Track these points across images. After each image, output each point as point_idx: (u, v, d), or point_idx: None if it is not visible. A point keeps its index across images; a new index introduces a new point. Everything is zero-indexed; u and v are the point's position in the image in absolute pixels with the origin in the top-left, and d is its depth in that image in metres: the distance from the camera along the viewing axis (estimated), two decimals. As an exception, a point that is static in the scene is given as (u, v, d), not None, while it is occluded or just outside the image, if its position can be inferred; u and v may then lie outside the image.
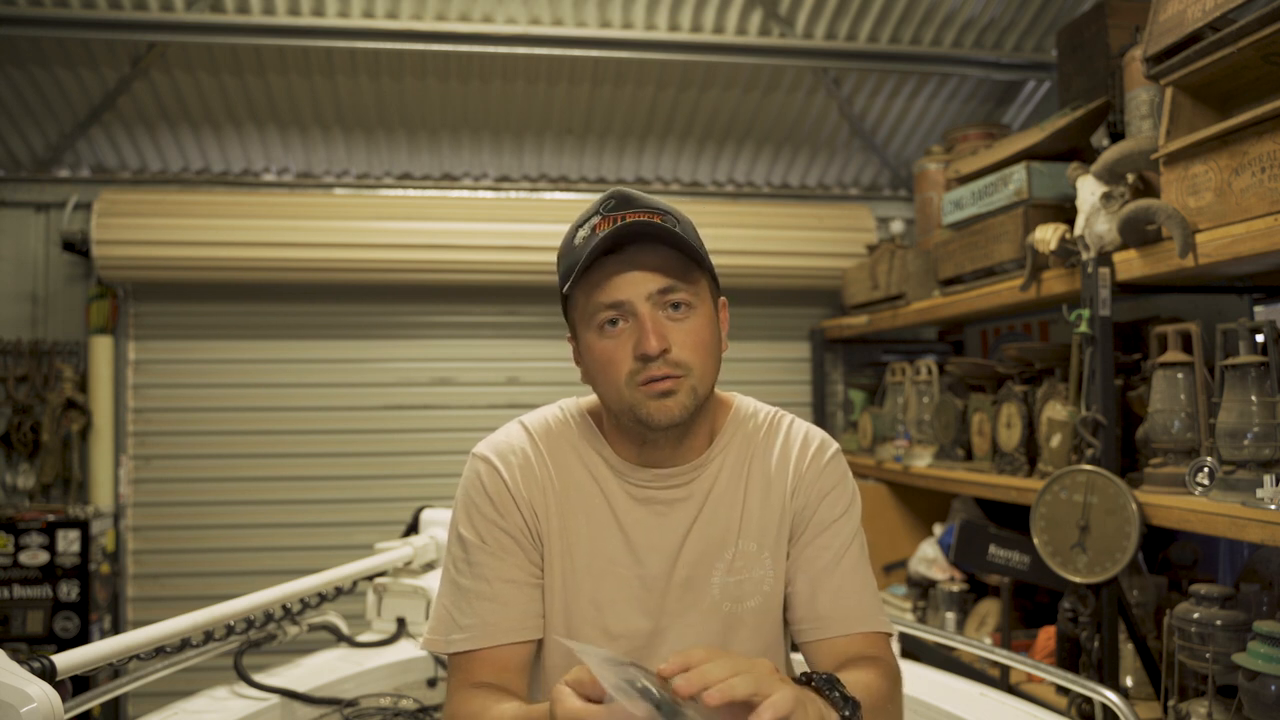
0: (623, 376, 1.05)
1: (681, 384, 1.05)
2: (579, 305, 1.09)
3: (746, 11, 3.22)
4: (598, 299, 1.05)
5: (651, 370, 1.03)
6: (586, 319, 1.07)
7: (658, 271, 1.04)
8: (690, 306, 1.06)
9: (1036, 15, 3.28)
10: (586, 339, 1.08)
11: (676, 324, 1.05)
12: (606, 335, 1.06)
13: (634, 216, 1.05)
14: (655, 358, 1.03)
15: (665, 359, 1.04)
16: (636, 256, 1.04)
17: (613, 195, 1.08)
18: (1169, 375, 1.91)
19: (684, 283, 1.06)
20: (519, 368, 3.75)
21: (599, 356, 1.07)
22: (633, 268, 1.04)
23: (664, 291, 1.05)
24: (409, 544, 2.06)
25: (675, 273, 1.05)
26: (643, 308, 1.04)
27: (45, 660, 1.17)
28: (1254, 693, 1.53)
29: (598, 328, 1.06)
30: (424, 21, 3.13)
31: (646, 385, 1.04)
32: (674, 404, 1.05)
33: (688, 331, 1.06)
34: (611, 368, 1.06)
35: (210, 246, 3.34)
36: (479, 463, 1.15)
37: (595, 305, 1.05)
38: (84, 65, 3.18)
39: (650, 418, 1.05)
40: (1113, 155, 1.98)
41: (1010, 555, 2.40)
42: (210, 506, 3.53)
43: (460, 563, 1.12)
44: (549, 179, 3.84)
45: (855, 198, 4.00)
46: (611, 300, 1.04)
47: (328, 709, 1.64)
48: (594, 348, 1.07)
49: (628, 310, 1.05)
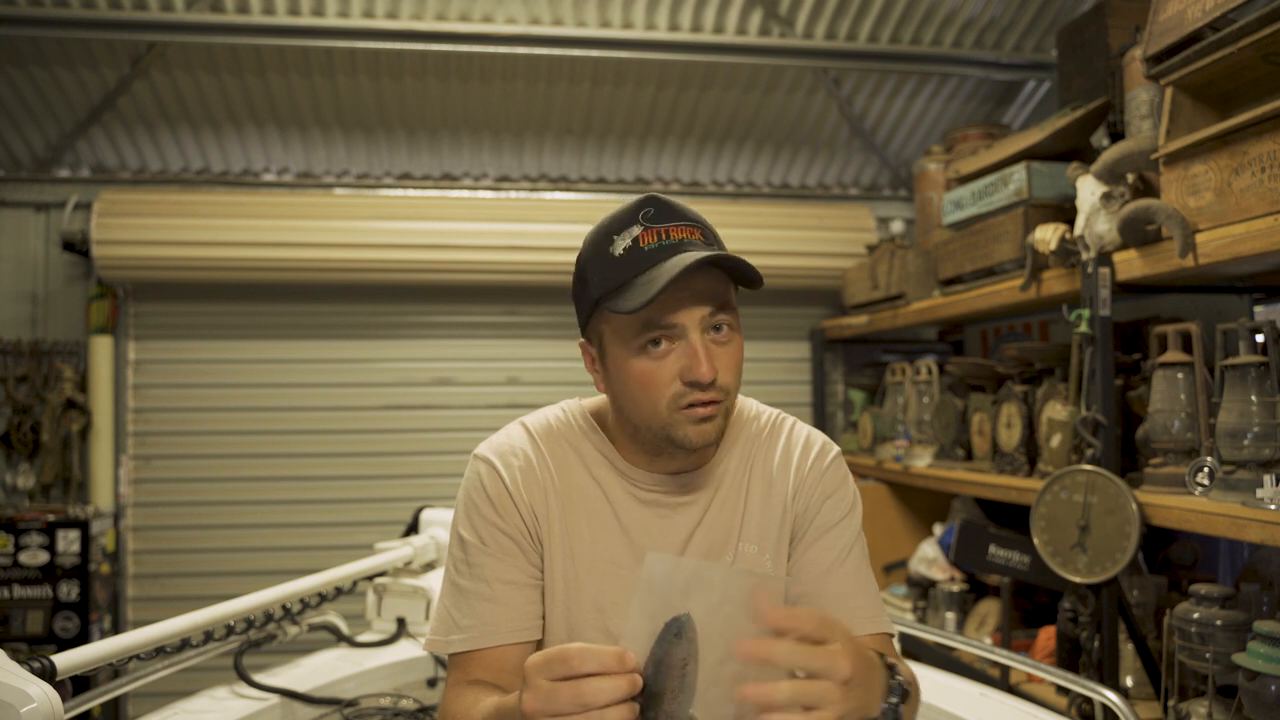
0: (665, 399, 1.04)
1: (720, 409, 1.05)
2: (617, 322, 1.05)
3: (746, 11, 3.22)
4: (649, 320, 1.02)
5: (698, 395, 1.03)
6: (627, 337, 1.04)
7: (710, 297, 1.03)
8: (732, 329, 1.06)
9: (1036, 15, 3.28)
10: (623, 357, 1.05)
11: (721, 348, 1.05)
12: (650, 356, 1.03)
13: (678, 231, 1.03)
14: (707, 385, 1.02)
15: (714, 385, 1.03)
16: (692, 280, 1.02)
17: (649, 202, 1.05)
18: (1169, 375, 1.91)
19: (728, 305, 1.05)
20: (519, 368, 3.75)
21: (638, 376, 1.04)
22: (689, 292, 1.02)
23: (714, 315, 1.04)
24: (409, 544, 2.06)
25: (722, 296, 1.04)
26: (694, 334, 1.03)
27: (45, 660, 1.17)
28: (1254, 693, 1.53)
29: (639, 347, 1.04)
30: (424, 21, 3.13)
31: (689, 409, 1.03)
32: (712, 428, 1.05)
33: (730, 355, 1.06)
34: (653, 389, 1.04)
35: (210, 246, 3.34)
36: (480, 464, 1.15)
37: (645, 326, 1.03)
38: (84, 65, 3.18)
39: (688, 440, 1.04)
40: (1113, 155, 1.98)
41: (1010, 555, 2.40)
42: (210, 506, 3.53)
43: (460, 564, 1.12)
44: (549, 179, 3.84)
45: (855, 198, 4.00)
46: (667, 323, 1.02)
47: (328, 709, 1.64)
48: (631, 366, 1.05)
49: (677, 334, 1.03)
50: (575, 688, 0.78)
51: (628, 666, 0.79)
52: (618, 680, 0.78)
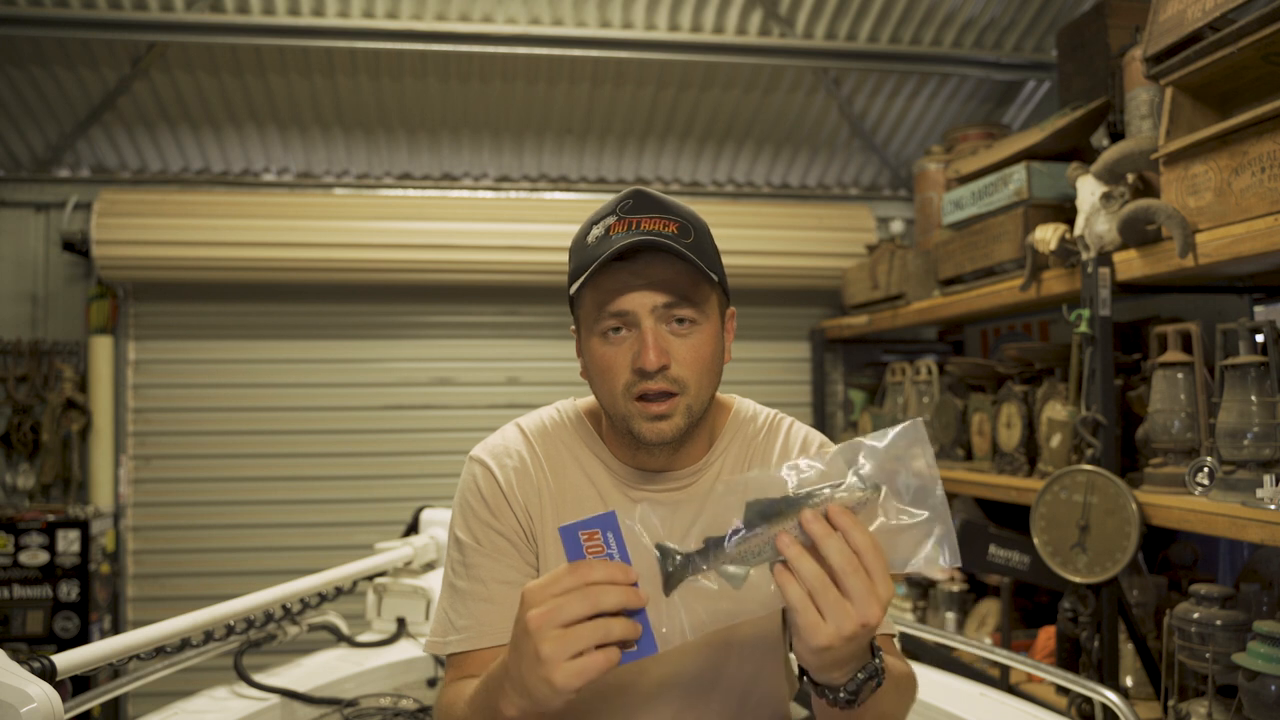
0: (619, 385, 1.05)
1: (676, 404, 1.05)
2: (584, 306, 1.08)
3: (746, 11, 3.22)
4: (603, 305, 1.04)
5: (647, 385, 1.03)
6: (590, 322, 1.07)
7: (665, 287, 1.03)
8: (694, 323, 1.06)
9: (1036, 15, 3.28)
10: (589, 341, 1.08)
11: (679, 339, 1.05)
12: (609, 341, 1.06)
13: (650, 223, 1.03)
14: (653, 374, 1.03)
15: (663, 374, 1.03)
16: (647, 268, 1.03)
17: (631, 195, 1.07)
18: (1169, 375, 1.91)
19: (691, 298, 1.05)
20: (519, 368, 3.75)
21: (599, 361, 1.07)
22: (641, 279, 1.03)
23: (669, 306, 1.04)
24: (409, 544, 2.06)
25: (683, 288, 1.04)
26: (646, 321, 1.03)
27: (45, 660, 1.17)
28: (1254, 693, 1.53)
29: (601, 333, 1.06)
30: (424, 21, 3.13)
31: (642, 401, 1.04)
32: (667, 426, 1.05)
33: (689, 348, 1.05)
34: (610, 374, 1.06)
35: (210, 246, 3.34)
36: (475, 466, 1.16)
37: (600, 311, 1.05)
38: (84, 65, 3.18)
39: (642, 435, 1.06)
40: (1113, 155, 1.98)
41: (1010, 555, 2.40)
42: (210, 506, 3.53)
43: (457, 565, 1.13)
44: (549, 179, 3.84)
45: (855, 198, 4.00)
46: (617, 309, 1.04)
47: (328, 709, 1.64)
48: (595, 352, 1.07)
49: (631, 321, 1.04)
50: (585, 592, 0.78)
51: (631, 579, 0.80)
52: (625, 590, 0.79)
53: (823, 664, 0.82)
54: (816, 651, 0.79)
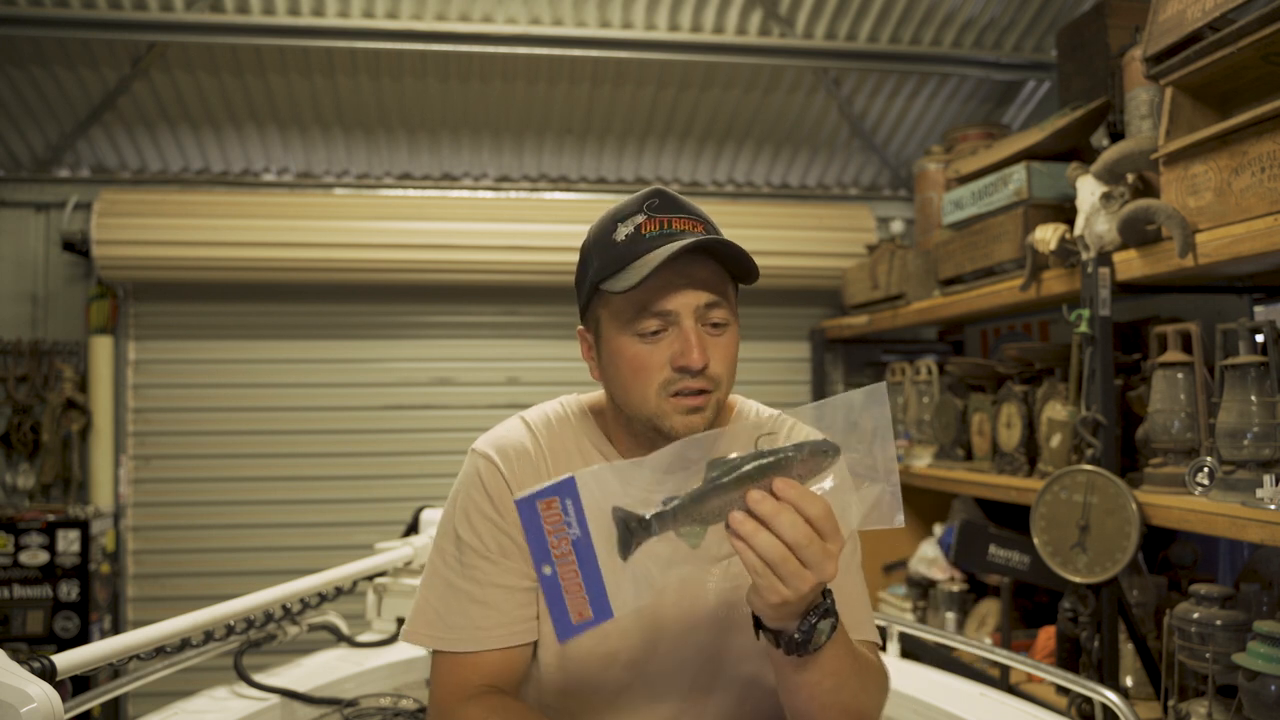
0: (654, 384, 1.05)
1: (710, 399, 1.06)
2: (614, 305, 1.07)
3: (746, 11, 3.22)
4: (646, 305, 1.04)
5: (689, 383, 1.04)
6: (622, 321, 1.06)
7: (707, 286, 1.05)
8: (727, 324, 1.08)
9: (1036, 15, 3.28)
10: (617, 340, 1.07)
11: (714, 339, 1.06)
12: (644, 340, 1.05)
13: (680, 223, 1.05)
14: (697, 372, 1.03)
15: (704, 373, 1.04)
16: (688, 268, 1.03)
17: (655, 194, 1.08)
18: (1169, 375, 1.91)
19: (725, 298, 1.07)
20: (519, 368, 3.75)
21: (630, 360, 1.05)
22: (685, 279, 1.03)
23: (709, 307, 1.05)
24: (409, 544, 2.06)
25: (720, 288, 1.06)
26: (687, 321, 1.04)
27: (45, 660, 1.16)
28: (1254, 693, 1.53)
29: (638, 332, 1.05)
30: (424, 21, 3.13)
31: (678, 398, 1.04)
32: (700, 419, 1.05)
33: (723, 346, 1.07)
34: (644, 374, 1.05)
35: (210, 246, 3.34)
36: (479, 459, 1.14)
37: (641, 310, 1.04)
38: (84, 65, 3.18)
39: (674, 430, 1.05)
40: (1113, 155, 1.98)
41: (1010, 555, 2.40)
42: (210, 506, 3.53)
43: (453, 560, 1.12)
44: (549, 179, 3.84)
45: (855, 198, 4.00)
46: (661, 309, 1.03)
47: (328, 709, 1.64)
48: (626, 351, 1.06)
49: (672, 320, 1.04)
50: None
51: None
52: None
53: (780, 615, 0.88)
54: (775, 606, 0.86)
